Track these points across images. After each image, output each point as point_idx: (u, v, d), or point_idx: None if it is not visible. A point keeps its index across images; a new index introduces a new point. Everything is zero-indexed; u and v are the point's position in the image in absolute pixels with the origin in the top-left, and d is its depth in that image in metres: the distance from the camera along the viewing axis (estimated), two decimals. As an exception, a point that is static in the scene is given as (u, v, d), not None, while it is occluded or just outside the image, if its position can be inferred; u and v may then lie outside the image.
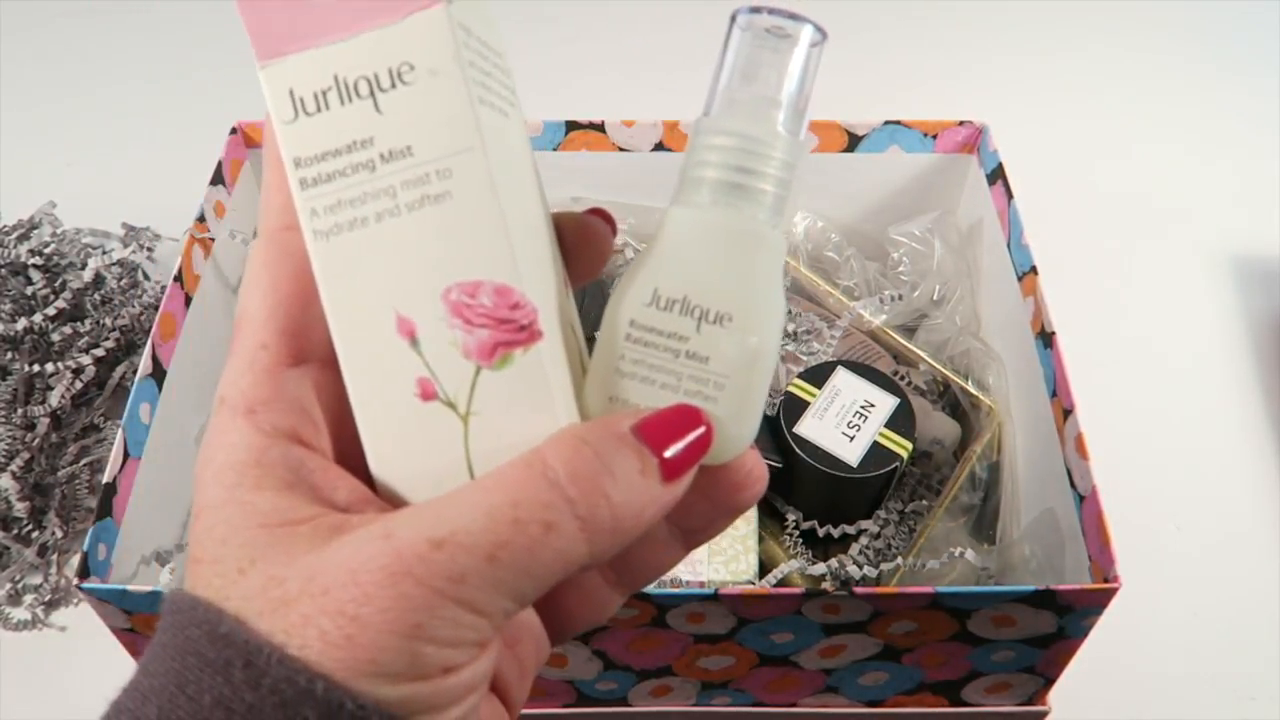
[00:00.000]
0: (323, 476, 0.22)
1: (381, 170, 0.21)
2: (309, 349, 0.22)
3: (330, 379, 0.22)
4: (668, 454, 0.22)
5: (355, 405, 0.22)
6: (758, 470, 0.24)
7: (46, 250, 0.65)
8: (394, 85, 0.21)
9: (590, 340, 0.25)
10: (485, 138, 0.21)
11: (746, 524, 0.50)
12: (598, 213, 0.26)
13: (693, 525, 0.25)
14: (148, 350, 0.49)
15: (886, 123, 0.60)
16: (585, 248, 0.26)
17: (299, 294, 0.22)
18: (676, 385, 0.23)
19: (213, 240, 0.56)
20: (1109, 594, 0.39)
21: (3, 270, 0.64)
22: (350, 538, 0.20)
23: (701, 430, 0.22)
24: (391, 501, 0.22)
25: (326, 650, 0.19)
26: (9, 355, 0.60)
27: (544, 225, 0.25)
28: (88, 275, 0.64)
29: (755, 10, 0.24)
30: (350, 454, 0.22)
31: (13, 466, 0.57)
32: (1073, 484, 0.45)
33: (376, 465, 0.22)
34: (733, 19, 0.25)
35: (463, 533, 0.20)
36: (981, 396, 0.57)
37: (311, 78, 0.21)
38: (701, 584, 0.48)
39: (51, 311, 0.61)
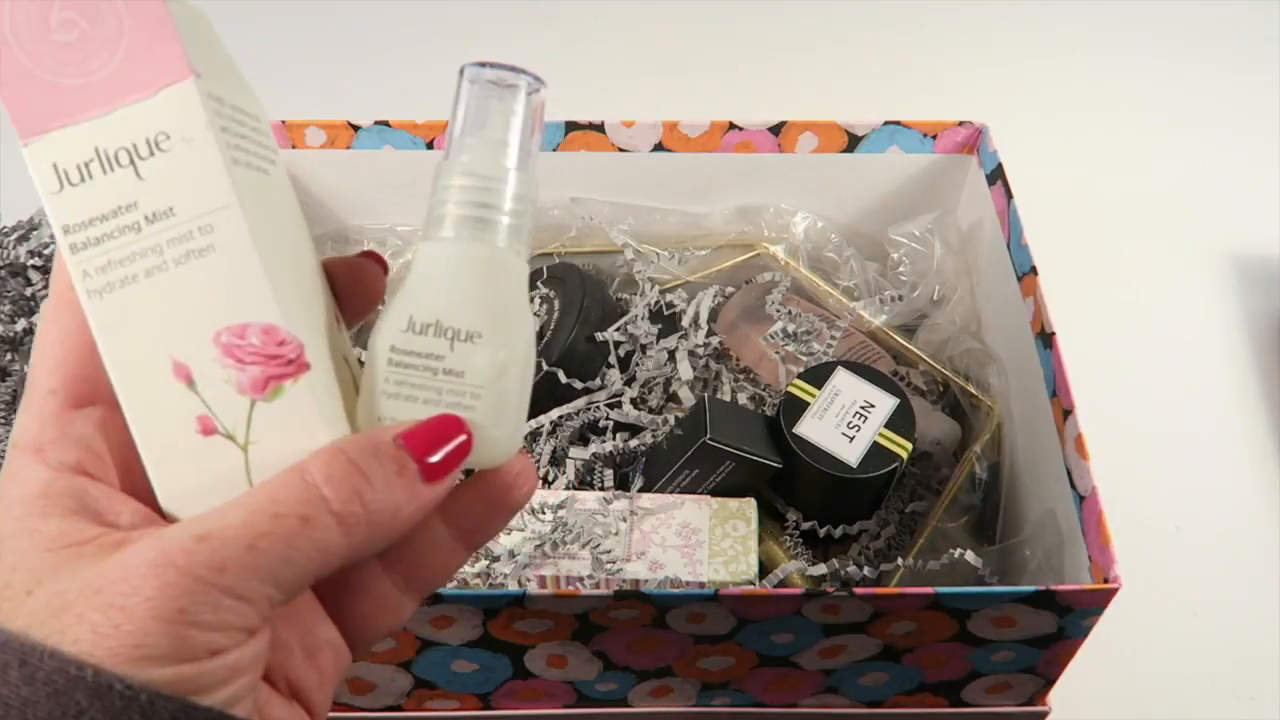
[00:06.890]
0: (106, 503, 0.23)
1: (147, 231, 0.23)
2: (96, 392, 0.24)
3: (117, 417, 0.24)
4: (432, 459, 0.24)
5: (140, 444, 0.24)
6: (526, 471, 0.27)
7: (46, 251, 0.65)
8: (152, 153, 0.23)
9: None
10: (241, 194, 0.23)
11: (746, 524, 0.50)
12: (369, 255, 0.29)
13: (470, 525, 0.27)
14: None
15: (886, 123, 0.60)
16: (357, 286, 0.28)
17: (84, 343, 0.24)
18: (437, 399, 0.26)
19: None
20: (1109, 594, 0.39)
21: (2, 271, 0.64)
22: (129, 549, 0.22)
23: (462, 437, 0.25)
24: None
25: (97, 640, 0.20)
26: (8, 356, 0.60)
27: (310, 268, 0.27)
28: (87, 276, 0.64)
29: (480, 65, 0.27)
30: (141, 486, 0.24)
31: (12, 467, 0.57)
32: (1073, 484, 0.45)
33: (164, 498, 0.24)
34: (461, 73, 0.27)
35: (225, 527, 0.22)
36: (981, 396, 0.57)
37: (73, 151, 0.23)
38: (701, 584, 0.48)
39: (51, 312, 0.61)
